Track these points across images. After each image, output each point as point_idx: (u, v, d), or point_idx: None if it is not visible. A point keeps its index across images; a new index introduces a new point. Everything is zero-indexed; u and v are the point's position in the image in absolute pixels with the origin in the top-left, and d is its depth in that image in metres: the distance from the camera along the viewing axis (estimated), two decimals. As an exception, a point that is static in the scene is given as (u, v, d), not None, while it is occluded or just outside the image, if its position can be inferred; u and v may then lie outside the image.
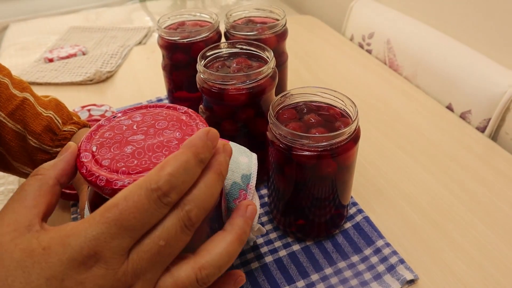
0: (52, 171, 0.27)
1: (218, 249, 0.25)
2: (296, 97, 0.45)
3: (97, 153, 0.28)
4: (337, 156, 0.39)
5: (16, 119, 0.43)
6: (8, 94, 0.43)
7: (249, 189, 0.38)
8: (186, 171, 0.24)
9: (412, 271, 0.42)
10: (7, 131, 0.43)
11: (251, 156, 0.40)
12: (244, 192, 0.37)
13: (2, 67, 0.45)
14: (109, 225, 0.22)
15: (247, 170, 0.38)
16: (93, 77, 0.81)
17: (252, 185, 0.38)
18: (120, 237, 0.22)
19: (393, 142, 0.62)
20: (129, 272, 0.23)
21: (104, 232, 0.22)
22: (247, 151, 0.41)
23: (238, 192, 0.37)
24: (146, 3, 1.35)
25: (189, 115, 0.31)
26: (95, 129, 0.30)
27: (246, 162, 0.39)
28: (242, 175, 0.38)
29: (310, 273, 0.43)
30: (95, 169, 0.26)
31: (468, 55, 0.70)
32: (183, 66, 0.61)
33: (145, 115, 0.31)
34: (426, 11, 0.81)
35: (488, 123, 0.65)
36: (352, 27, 0.99)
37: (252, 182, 0.38)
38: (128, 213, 0.22)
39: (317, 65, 0.86)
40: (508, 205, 0.51)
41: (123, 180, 0.25)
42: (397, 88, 0.76)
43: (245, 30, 0.58)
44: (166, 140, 0.28)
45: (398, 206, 0.52)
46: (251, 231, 0.40)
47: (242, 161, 0.39)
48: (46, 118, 0.44)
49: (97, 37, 1.04)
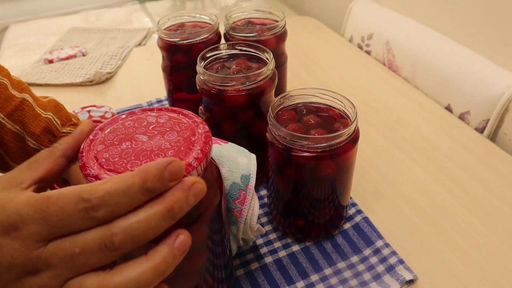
0: (60, 146, 0.30)
1: (130, 273, 0.24)
2: (296, 98, 0.45)
3: (98, 149, 0.29)
4: (336, 157, 0.39)
5: (15, 120, 0.43)
6: (7, 95, 0.43)
7: (248, 189, 0.38)
8: (125, 194, 0.23)
9: (411, 271, 0.42)
10: (6, 131, 0.43)
11: (250, 157, 0.41)
12: (243, 193, 0.38)
13: (1, 68, 0.45)
14: (35, 210, 0.23)
15: (246, 171, 0.39)
16: (93, 78, 0.81)
17: (251, 185, 0.38)
18: (40, 226, 0.23)
19: (392, 143, 0.63)
20: (41, 258, 0.23)
21: (29, 214, 0.23)
22: (246, 152, 0.41)
23: (237, 193, 0.38)
24: (146, 4, 1.35)
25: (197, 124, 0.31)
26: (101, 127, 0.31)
27: (245, 162, 0.39)
28: (241, 175, 0.38)
29: (310, 274, 0.43)
30: (92, 163, 0.28)
31: (467, 56, 0.70)
32: (183, 67, 0.61)
33: (158, 117, 0.31)
34: (425, 13, 0.82)
35: (486, 124, 0.65)
36: (352, 28, 0.99)
37: (252, 182, 0.38)
38: (53, 209, 0.23)
39: (317, 66, 0.86)
40: (506, 205, 0.51)
41: (93, 173, 0.27)
42: (396, 89, 0.77)
43: (245, 31, 0.58)
44: (163, 145, 0.28)
45: (397, 206, 0.52)
46: (250, 231, 0.40)
47: (241, 161, 0.39)
48: (45, 120, 0.44)
49: (97, 38, 1.04)
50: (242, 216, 0.38)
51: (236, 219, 0.39)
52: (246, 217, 0.38)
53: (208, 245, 0.33)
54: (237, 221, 0.39)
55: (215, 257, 0.35)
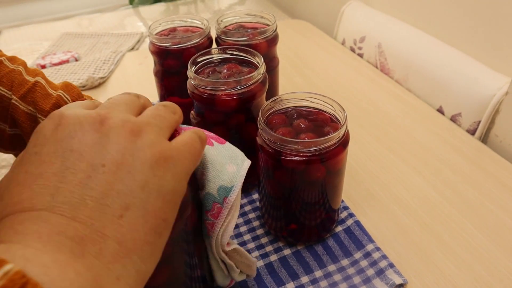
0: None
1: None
2: (286, 102, 0.45)
3: None
4: (326, 161, 0.39)
5: (28, 101, 0.44)
6: (21, 80, 0.45)
7: (225, 203, 0.33)
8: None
9: (401, 275, 0.42)
10: (20, 113, 0.44)
11: (242, 165, 0.35)
12: (218, 206, 0.33)
13: (17, 59, 0.48)
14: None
15: (229, 182, 0.33)
16: (86, 83, 0.81)
17: (230, 200, 0.33)
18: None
19: (384, 145, 0.63)
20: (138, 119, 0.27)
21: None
22: (239, 157, 0.35)
23: (211, 204, 0.33)
24: (139, 9, 1.35)
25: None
26: None
27: (233, 171, 0.34)
28: (219, 186, 0.33)
29: (300, 275, 0.43)
30: None
31: (458, 59, 0.71)
32: (175, 72, 0.61)
33: None
34: (416, 15, 0.82)
35: (478, 126, 0.66)
36: (344, 31, 0.99)
37: (232, 195, 0.33)
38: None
39: (309, 69, 0.86)
40: (498, 207, 0.51)
41: None
42: (388, 92, 0.77)
43: (236, 35, 0.58)
44: None
45: (390, 209, 0.52)
46: (222, 248, 0.35)
47: (228, 170, 0.34)
48: (55, 97, 0.45)
49: (90, 43, 1.04)
50: (214, 230, 0.34)
51: (207, 232, 0.34)
52: (218, 232, 0.34)
53: (171, 262, 0.30)
54: (208, 235, 0.34)
55: (179, 278, 0.32)
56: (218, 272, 0.37)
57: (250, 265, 0.38)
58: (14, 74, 0.45)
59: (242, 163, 0.35)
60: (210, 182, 0.33)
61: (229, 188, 0.33)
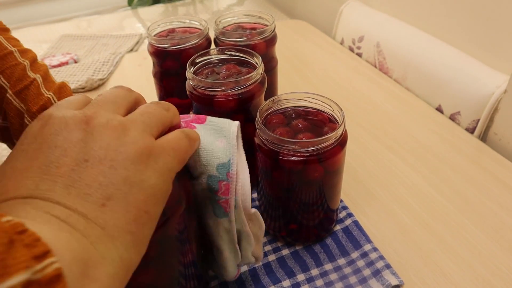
0: None
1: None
2: (285, 102, 0.45)
3: None
4: (324, 161, 0.39)
5: (22, 98, 0.45)
6: (22, 75, 0.45)
7: (230, 177, 0.33)
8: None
9: (397, 276, 0.42)
10: (11, 108, 0.45)
11: (229, 135, 0.34)
12: (224, 183, 0.33)
13: (28, 52, 0.48)
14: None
15: (224, 157, 0.33)
16: (85, 85, 0.81)
17: (233, 172, 0.33)
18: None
19: (383, 144, 0.63)
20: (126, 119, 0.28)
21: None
22: (224, 128, 0.34)
23: (217, 184, 0.33)
24: (138, 10, 1.36)
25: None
26: None
27: (223, 146, 0.33)
28: (218, 165, 0.33)
29: (297, 273, 0.43)
30: None
31: (457, 58, 0.71)
32: (174, 73, 0.61)
33: None
34: (415, 14, 0.82)
35: (477, 124, 0.66)
36: (342, 30, 0.99)
37: (233, 168, 0.33)
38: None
39: (308, 69, 0.86)
40: (497, 205, 0.51)
41: None
42: (387, 91, 0.77)
43: (234, 36, 0.58)
44: None
45: (389, 208, 0.52)
46: (245, 215, 0.36)
47: (219, 145, 0.33)
48: (45, 99, 0.45)
49: (89, 45, 1.04)
50: (230, 204, 0.34)
51: (224, 210, 0.34)
52: (236, 201, 0.34)
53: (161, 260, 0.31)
54: (226, 212, 0.34)
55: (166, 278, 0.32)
56: (230, 262, 0.37)
57: (260, 235, 0.38)
58: (18, 67, 0.45)
59: (229, 132, 0.34)
60: (207, 165, 0.33)
61: (227, 163, 0.33)
